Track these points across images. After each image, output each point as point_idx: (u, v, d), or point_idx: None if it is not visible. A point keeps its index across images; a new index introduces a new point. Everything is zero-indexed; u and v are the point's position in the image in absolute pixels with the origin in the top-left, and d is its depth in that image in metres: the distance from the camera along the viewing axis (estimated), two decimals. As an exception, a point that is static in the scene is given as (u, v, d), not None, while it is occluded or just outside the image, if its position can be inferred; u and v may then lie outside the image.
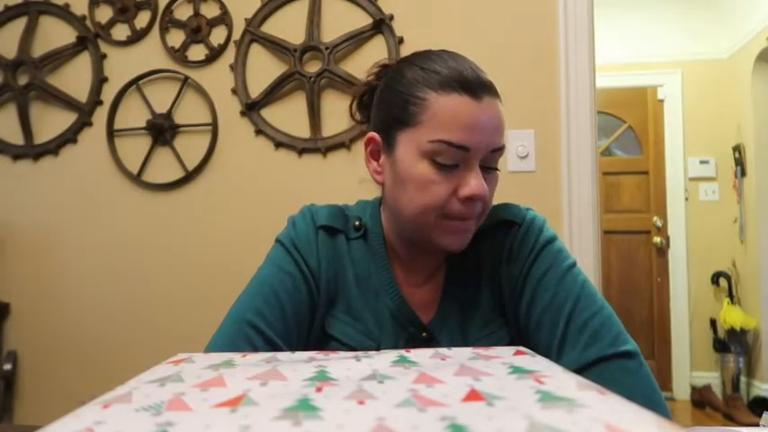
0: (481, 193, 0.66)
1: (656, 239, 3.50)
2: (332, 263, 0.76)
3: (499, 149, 0.68)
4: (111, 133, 1.88)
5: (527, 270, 0.73)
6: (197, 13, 1.86)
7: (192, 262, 1.81)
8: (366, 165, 0.77)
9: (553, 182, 1.62)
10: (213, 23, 1.85)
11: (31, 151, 1.92)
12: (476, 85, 0.66)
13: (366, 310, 0.76)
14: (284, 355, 0.39)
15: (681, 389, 3.43)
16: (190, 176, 1.83)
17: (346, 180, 1.72)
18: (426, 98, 0.66)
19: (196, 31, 1.85)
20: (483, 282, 0.77)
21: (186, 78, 1.84)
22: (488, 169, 0.69)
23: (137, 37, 1.89)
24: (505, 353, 0.38)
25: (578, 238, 1.58)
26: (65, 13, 1.94)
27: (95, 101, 1.90)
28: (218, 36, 1.85)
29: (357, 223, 0.79)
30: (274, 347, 0.68)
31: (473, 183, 0.66)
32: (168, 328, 1.79)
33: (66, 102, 1.91)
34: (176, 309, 1.79)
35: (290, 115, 1.78)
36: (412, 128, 0.67)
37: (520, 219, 0.76)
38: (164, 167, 1.85)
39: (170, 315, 1.79)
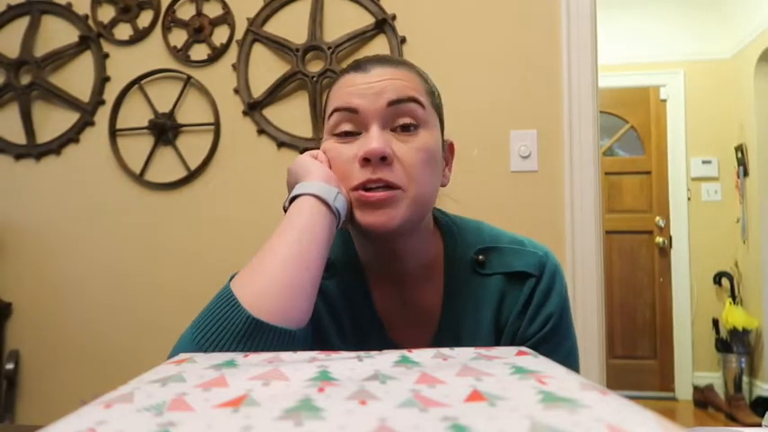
0: (376, 150, 0.61)
1: (659, 239, 3.50)
2: None
3: (399, 102, 0.64)
4: (114, 133, 1.89)
5: (542, 337, 0.70)
6: (199, 13, 1.86)
7: (195, 261, 1.81)
8: None
9: (555, 182, 1.62)
10: (215, 23, 1.85)
11: (34, 151, 1.93)
12: (365, 62, 0.68)
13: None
14: (286, 356, 0.39)
15: (683, 389, 3.42)
16: (192, 176, 1.83)
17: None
18: (329, 90, 0.71)
19: (198, 30, 1.85)
20: (484, 321, 0.71)
21: (189, 78, 1.84)
22: (404, 129, 0.65)
23: (139, 36, 1.90)
24: (507, 353, 0.38)
25: (580, 238, 1.58)
26: (67, 13, 1.94)
27: (98, 100, 1.90)
28: (220, 36, 1.85)
29: None
30: None
31: (368, 142, 0.62)
32: (170, 328, 1.79)
33: (69, 101, 1.91)
34: (178, 308, 1.79)
35: (292, 115, 1.78)
36: (324, 118, 0.70)
37: (536, 271, 0.71)
38: (166, 167, 1.86)
39: (172, 315, 1.79)
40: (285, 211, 0.64)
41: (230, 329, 0.52)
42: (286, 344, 0.52)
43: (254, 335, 0.51)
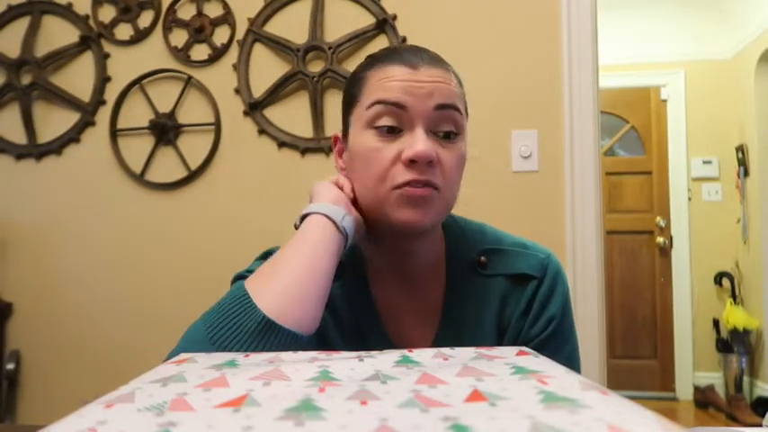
0: (425, 153, 0.61)
1: (659, 240, 3.49)
2: None
3: (446, 107, 0.64)
4: (114, 133, 1.89)
5: (545, 339, 0.70)
6: (200, 13, 1.86)
7: (195, 261, 1.81)
8: (335, 166, 0.76)
9: (556, 182, 1.62)
10: (216, 23, 1.85)
11: (34, 151, 1.93)
12: (411, 56, 0.66)
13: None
14: (287, 356, 0.39)
15: (684, 389, 3.42)
16: (193, 176, 1.83)
17: (349, 180, 1.72)
18: (364, 75, 0.68)
19: (199, 30, 1.85)
20: (486, 322, 0.71)
21: (189, 78, 1.85)
22: (445, 137, 0.65)
23: (140, 36, 1.90)
24: (508, 353, 0.38)
25: (581, 239, 1.58)
26: (68, 13, 1.94)
27: (98, 100, 1.90)
28: (221, 36, 1.85)
29: None
30: None
31: (416, 144, 0.61)
32: (171, 328, 1.79)
33: (70, 101, 1.91)
34: (179, 308, 1.78)
35: (292, 115, 1.78)
36: (356, 106, 0.68)
37: (539, 273, 0.71)
38: (166, 167, 1.86)
39: (173, 315, 1.79)
40: (296, 228, 0.66)
41: (244, 328, 0.54)
42: (294, 346, 0.54)
43: (267, 335, 0.53)
